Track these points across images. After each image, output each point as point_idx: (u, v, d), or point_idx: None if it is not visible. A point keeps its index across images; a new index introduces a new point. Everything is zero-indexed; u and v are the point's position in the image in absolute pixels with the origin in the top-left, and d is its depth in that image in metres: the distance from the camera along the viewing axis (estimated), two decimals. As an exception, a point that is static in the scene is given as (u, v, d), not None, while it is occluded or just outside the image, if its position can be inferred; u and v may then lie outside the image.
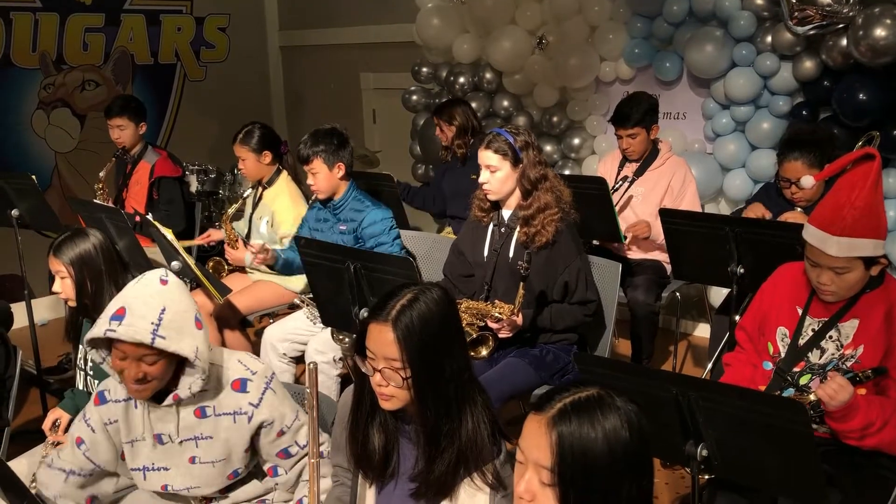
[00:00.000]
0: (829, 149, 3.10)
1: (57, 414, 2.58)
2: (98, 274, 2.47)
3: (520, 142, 2.81)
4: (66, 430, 2.44)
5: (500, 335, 2.73)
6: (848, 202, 2.05)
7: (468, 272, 3.01)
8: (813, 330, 2.22)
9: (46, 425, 2.55)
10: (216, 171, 4.93)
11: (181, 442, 2.06)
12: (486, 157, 2.82)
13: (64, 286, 2.50)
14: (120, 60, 6.04)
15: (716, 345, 3.37)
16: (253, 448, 2.11)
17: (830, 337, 2.19)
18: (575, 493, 1.23)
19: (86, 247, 2.48)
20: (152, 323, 1.85)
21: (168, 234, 3.03)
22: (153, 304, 1.88)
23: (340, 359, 3.34)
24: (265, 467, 2.20)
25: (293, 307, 3.79)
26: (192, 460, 2.07)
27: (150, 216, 3.24)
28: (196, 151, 5.67)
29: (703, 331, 4.68)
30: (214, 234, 4.11)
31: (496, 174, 2.82)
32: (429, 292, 1.66)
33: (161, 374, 1.93)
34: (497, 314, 2.67)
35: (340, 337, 3.07)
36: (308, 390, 1.63)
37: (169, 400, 1.99)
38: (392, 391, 1.63)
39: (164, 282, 1.94)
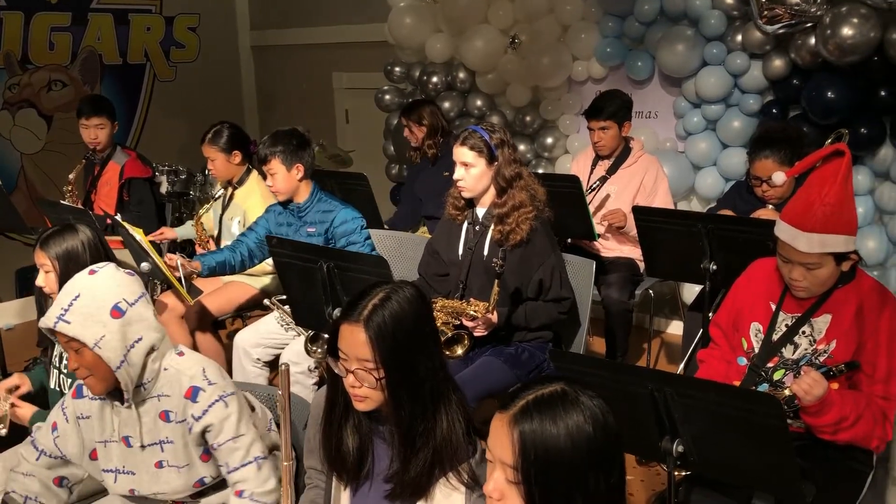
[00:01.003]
0: (800, 146, 3.13)
1: (20, 381, 2.56)
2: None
3: (495, 139, 2.80)
4: (25, 399, 2.43)
5: (475, 333, 2.71)
6: (819, 198, 2.06)
7: (443, 271, 2.99)
8: (786, 325, 2.24)
9: (5, 385, 2.53)
10: (187, 172, 4.86)
11: (145, 446, 2.01)
12: (462, 153, 2.81)
13: (48, 280, 2.46)
14: (87, 60, 5.95)
15: (689, 342, 3.39)
16: (214, 459, 2.06)
17: (803, 332, 2.20)
18: (539, 490, 1.22)
19: (73, 242, 2.44)
20: (62, 308, 1.86)
21: (138, 234, 2.98)
22: (70, 292, 1.89)
23: (315, 367, 3.30)
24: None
25: (265, 308, 3.75)
26: (159, 465, 2.03)
27: (119, 217, 3.18)
28: (166, 152, 5.60)
29: (676, 328, 4.71)
30: (167, 233, 4.04)
31: (471, 171, 2.81)
32: (401, 291, 1.64)
33: (92, 365, 1.88)
34: (472, 312, 2.66)
35: (314, 348, 3.03)
36: (280, 392, 1.60)
37: (125, 403, 1.97)
38: (366, 392, 1.61)
39: (92, 272, 1.94)
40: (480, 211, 2.91)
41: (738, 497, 2.17)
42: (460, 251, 2.93)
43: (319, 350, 3.01)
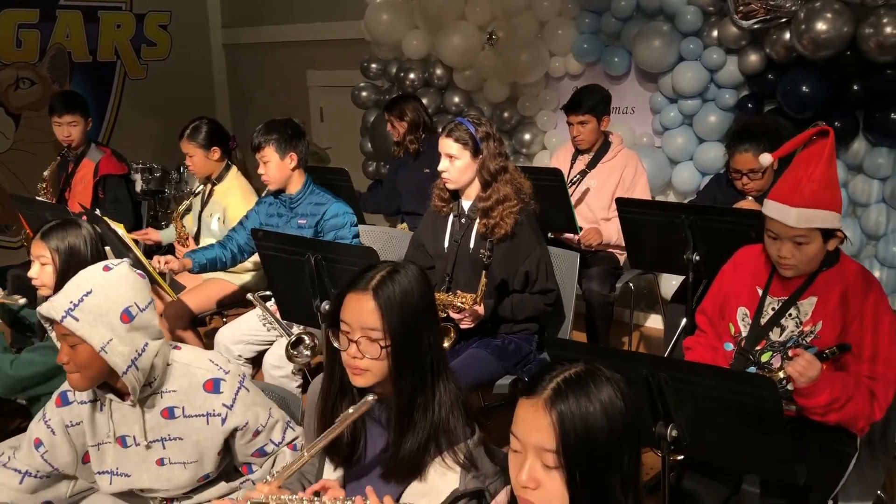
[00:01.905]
0: (778, 138, 3.15)
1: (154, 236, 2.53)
2: (83, 269, 2.38)
3: (481, 132, 2.80)
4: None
5: (462, 326, 2.72)
6: (806, 175, 2.11)
7: (429, 264, 2.99)
8: (773, 309, 2.27)
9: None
10: (161, 170, 4.82)
11: (148, 445, 1.97)
12: (447, 145, 2.81)
13: (43, 273, 2.39)
14: (56, 58, 5.86)
15: (672, 332, 3.42)
16: (227, 449, 2.04)
17: (790, 315, 2.24)
18: (581, 471, 1.20)
19: (76, 238, 2.38)
20: (71, 302, 1.79)
21: (119, 229, 2.94)
22: (82, 286, 1.82)
23: (298, 371, 3.28)
24: (239, 465, 2.14)
25: (246, 305, 3.71)
26: (161, 462, 1.99)
27: (98, 213, 3.13)
28: (139, 151, 5.52)
29: (654, 321, 4.75)
30: (152, 234, 3.99)
31: (455, 163, 2.81)
32: (406, 267, 1.65)
33: (85, 363, 1.82)
34: (459, 304, 2.66)
35: (294, 353, 3.00)
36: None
37: (128, 401, 1.92)
38: (367, 364, 1.59)
39: (107, 268, 1.88)
40: (466, 203, 2.91)
41: (727, 481, 2.20)
42: (446, 244, 2.93)
43: (300, 358, 2.98)
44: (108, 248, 2.60)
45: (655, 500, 2.89)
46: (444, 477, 1.59)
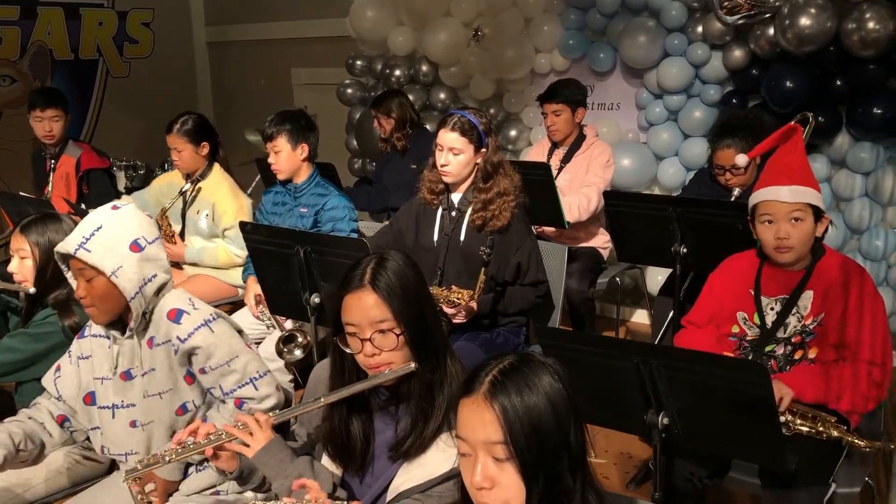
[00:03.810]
0: (761, 133, 3.15)
1: None
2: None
3: (483, 125, 2.79)
4: None
5: (454, 321, 2.71)
6: (788, 161, 2.25)
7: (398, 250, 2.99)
8: (772, 309, 2.30)
9: None
10: (145, 167, 4.77)
11: (143, 375, 2.05)
12: (450, 139, 2.76)
13: (22, 267, 2.38)
14: (37, 55, 5.80)
15: (659, 326, 3.43)
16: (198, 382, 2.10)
17: (791, 311, 2.27)
18: (531, 457, 1.20)
19: (56, 232, 2.37)
20: (83, 237, 1.94)
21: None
22: (93, 223, 1.96)
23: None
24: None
25: (231, 303, 3.69)
26: (145, 394, 2.07)
27: (83, 207, 3.09)
28: (121, 148, 5.46)
29: (640, 316, 4.78)
30: None
31: (458, 157, 2.77)
32: (390, 253, 1.65)
33: (102, 295, 1.96)
34: (455, 299, 2.65)
35: (285, 350, 2.98)
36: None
37: (128, 332, 2.04)
38: (387, 357, 1.58)
39: (115, 207, 2.02)
40: (456, 197, 2.89)
41: (714, 467, 2.21)
42: (435, 237, 2.91)
43: (290, 354, 2.96)
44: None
45: (644, 490, 2.93)
46: (443, 454, 1.59)
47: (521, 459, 1.20)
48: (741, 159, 2.83)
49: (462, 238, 2.85)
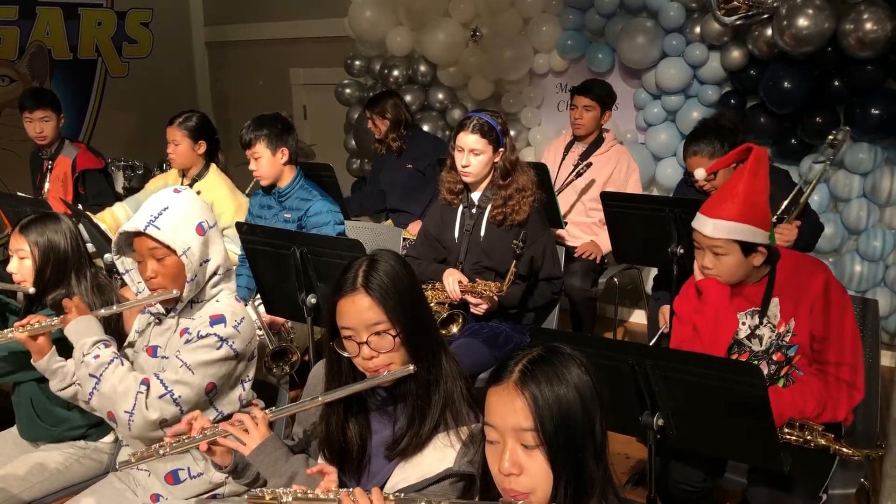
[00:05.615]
0: (733, 136, 3.04)
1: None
2: (62, 264, 2.36)
3: (500, 126, 2.89)
4: None
5: (476, 310, 2.81)
6: (729, 190, 2.15)
7: (441, 257, 3.04)
8: (743, 323, 2.28)
9: None
10: (143, 167, 4.77)
11: (163, 357, 2.09)
12: (470, 140, 2.85)
13: (21, 267, 2.37)
14: (36, 55, 5.79)
15: (655, 327, 3.43)
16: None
17: (762, 323, 2.26)
18: (559, 445, 1.22)
19: (56, 233, 2.37)
20: (152, 216, 1.99)
21: (104, 224, 2.91)
22: (160, 203, 2.03)
23: (278, 381, 3.23)
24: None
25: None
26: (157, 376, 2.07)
27: (80, 207, 3.09)
28: (119, 149, 5.48)
29: (638, 317, 4.78)
30: None
31: (479, 157, 2.87)
32: (381, 253, 1.64)
33: (175, 276, 2.02)
34: (481, 291, 2.74)
35: (274, 366, 2.92)
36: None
37: (171, 312, 2.10)
38: (385, 358, 1.58)
39: (176, 191, 2.09)
40: (476, 195, 2.98)
41: (710, 469, 2.21)
42: (456, 233, 3.00)
43: (276, 370, 2.91)
44: (89, 245, 2.59)
45: (641, 490, 2.93)
46: (440, 452, 1.59)
47: (550, 447, 1.23)
48: (699, 174, 2.81)
49: (482, 234, 2.93)
